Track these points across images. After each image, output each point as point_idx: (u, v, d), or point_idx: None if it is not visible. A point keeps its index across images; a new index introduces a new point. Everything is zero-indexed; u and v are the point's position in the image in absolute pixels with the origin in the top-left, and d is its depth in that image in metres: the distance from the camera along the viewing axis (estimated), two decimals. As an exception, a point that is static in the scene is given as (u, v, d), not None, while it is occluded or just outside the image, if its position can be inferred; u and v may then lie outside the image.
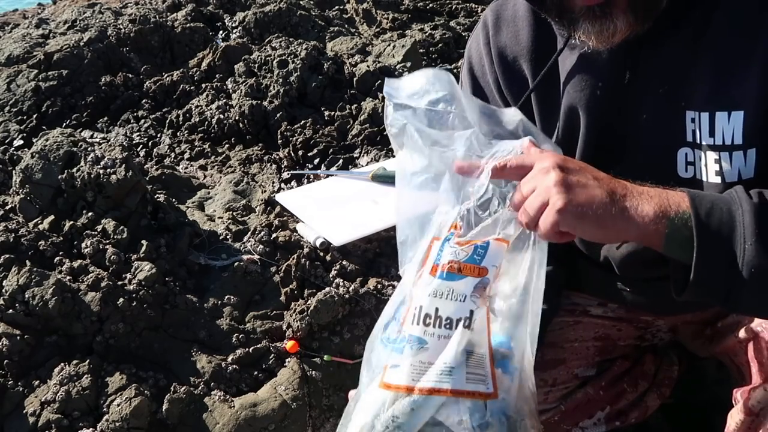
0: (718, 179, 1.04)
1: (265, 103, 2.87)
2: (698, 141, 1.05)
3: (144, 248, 1.90)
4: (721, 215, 0.86)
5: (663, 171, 1.07)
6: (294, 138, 2.71)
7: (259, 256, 1.99)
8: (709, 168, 1.04)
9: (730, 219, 0.85)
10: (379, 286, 1.90)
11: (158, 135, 2.99)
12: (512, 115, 0.99)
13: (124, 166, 1.99)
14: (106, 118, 3.08)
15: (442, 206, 0.95)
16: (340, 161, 2.57)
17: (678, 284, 0.91)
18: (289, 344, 1.74)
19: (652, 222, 0.86)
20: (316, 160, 2.63)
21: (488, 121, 0.98)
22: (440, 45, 3.56)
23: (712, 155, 1.04)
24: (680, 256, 0.88)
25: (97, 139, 2.89)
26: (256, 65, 3.09)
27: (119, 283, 1.80)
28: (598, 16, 0.97)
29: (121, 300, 1.75)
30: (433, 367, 0.86)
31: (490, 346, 0.89)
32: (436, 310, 0.87)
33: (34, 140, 2.51)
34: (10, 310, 1.69)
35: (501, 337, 0.92)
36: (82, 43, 3.29)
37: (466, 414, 0.84)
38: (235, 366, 1.73)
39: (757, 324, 1.11)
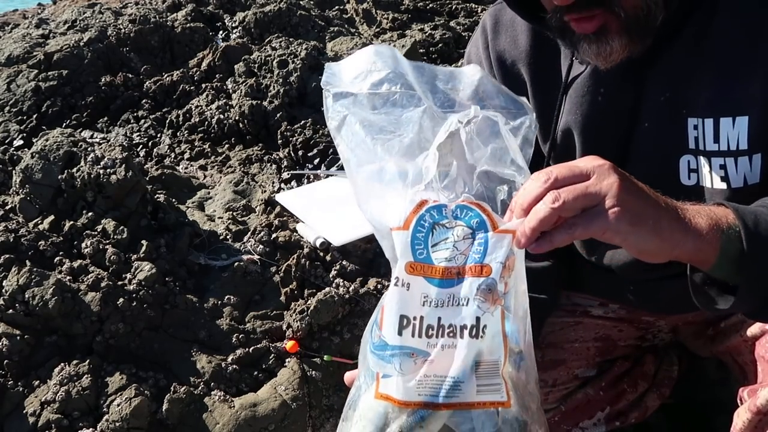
0: (723, 185, 1.03)
1: (265, 103, 2.88)
2: (701, 148, 1.04)
3: (144, 248, 1.90)
4: (767, 226, 0.85)
5: (666, 179, 1.07)
6: (294, 138, 2.71)
7: (259, 256, 1.99)
8: (714, 174, 1.04)
9: None
10: (379, 286, 1.90)
11: (158, 135, 2.99)
12: (471, 75, 0.89)
13: (124, 166, 1.99)
14: (106, 118, 3.08)
15: (390, 196, 0.85)
16: (340, 161, 2.57)
17: (707, 297, 0.89)
18: (289, 344, 1.74)
19: (707, 235, 0.83)
20: (316, 160, 2.63)
21: (445, 89, 0.88)
22: (440, 45, 3.56)
23: (717, 161, 1.03)
24: (723, 272, 0.85)
25: (97, 139, 2.89)
26: (256, 65, 3.09)
27: (119, 283, 1.80)
28: (593, 39, 0.98)
29: (121, 300, 1.75)
30: (439, 380, 0.81)
31: (505, 351, 0.82)
32: (439, 319, 0.80)
33: (34, 140, 2.51)
34: (10, 310, 1.68)
35: (509, 327, 0.84)
36: (82, 43, 3.29)
37: (478, 422, 0.81)
38: (235, 366, 1.73)
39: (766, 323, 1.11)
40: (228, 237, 2.11)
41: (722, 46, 1.01)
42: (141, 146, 2.92)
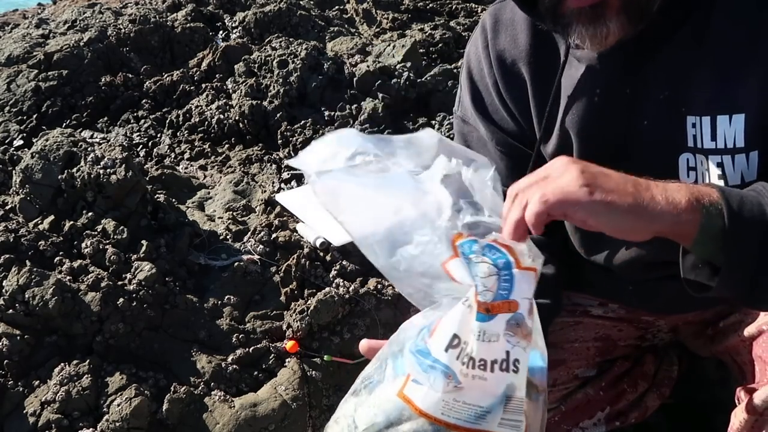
0: (720, 183, 1.03)
1: (265, 103, 2.88)
2: (699, 146, 1.05)
3: (144, 248, 1.90)
4: (752, 207, 0.85)
5: (664, 177, 1.07)
6: (294, 138, 2.71)
7: (259, 256, 1.99)
8: (712, 172, 1.04)
9: (761, 212, 0.85)
10: (379, 286, 1.90)
11: (158, 135, 2.99)
12: (429, 138, 0.91)
13: (124, 166, 1.99)
14: (106, 118, 3.08)
15: (419, 235, 0.86)
16: (340, 161, 2.57)
17: (694, 282, 0.90)
18: (289, 344, 1.74)
19: (685, 211, 0.83)
20: (316, 160, 2.62)
21: (408, 155, 0.90)
22: (440, 45, 3.56)
23: (714, 159, 1.03)
24: (707, 250, 0.85)
25: (97, 139, 2.89)
26: (256, 65, 3.09)
27: (119, 283, 1.80)
28: (590, 18, 0.97)
29: (121, 300, 1.75)
30: (467, 407, 0.83)
31: (527, 388, 0.85)
32: (472, 350, 0.82)
33: (34, 140, 2.51)
34: (10, 310, 1.69)
35: (539, 361, 0.87)
36: (82, 43, 3.29)
37: None
38: (235, 366, 1.73)
39: (763, 323, 1.11)
40: (228, 237, 2.11)
41: (720, 45, 1.01)
42: (141, 146, 2.92)
